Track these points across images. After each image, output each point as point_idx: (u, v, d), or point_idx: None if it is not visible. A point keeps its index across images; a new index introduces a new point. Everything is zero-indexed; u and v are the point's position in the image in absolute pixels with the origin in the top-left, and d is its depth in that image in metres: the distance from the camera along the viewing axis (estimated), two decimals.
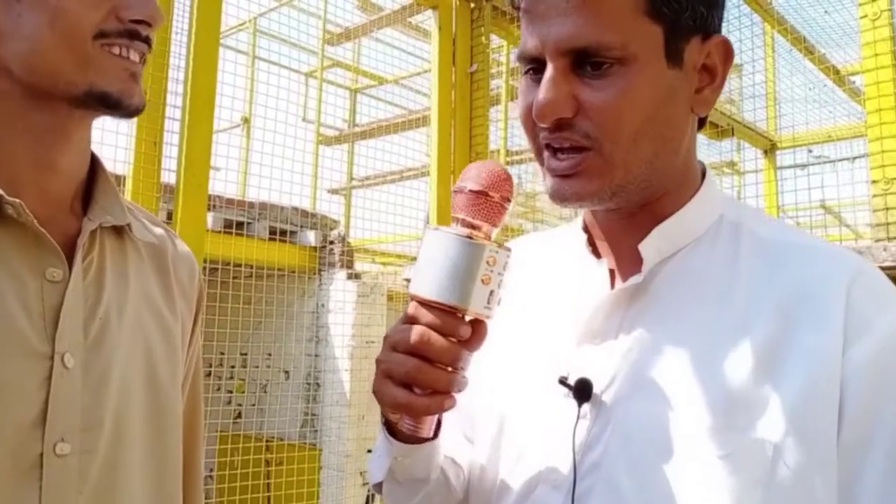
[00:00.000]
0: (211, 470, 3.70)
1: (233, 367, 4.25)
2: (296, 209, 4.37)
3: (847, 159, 4.59)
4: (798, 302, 0.71)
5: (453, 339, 0.70)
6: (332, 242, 4.41)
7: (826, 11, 3.03)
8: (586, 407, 0.75)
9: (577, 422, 0.75)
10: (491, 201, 0.69)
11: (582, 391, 0.75)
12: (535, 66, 0.76)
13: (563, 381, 0.77)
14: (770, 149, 4.66)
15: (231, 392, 4.18)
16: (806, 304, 0.70)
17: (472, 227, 0.70)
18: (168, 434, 0.87)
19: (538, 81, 0.74)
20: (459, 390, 0.71)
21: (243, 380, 4.23)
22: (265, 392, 4.18)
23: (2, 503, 0.70)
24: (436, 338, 0.69)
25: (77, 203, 0.84)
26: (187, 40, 2.15)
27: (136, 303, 0.85)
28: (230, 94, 2.98)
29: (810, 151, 4.84)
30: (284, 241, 4.09)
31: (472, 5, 2.91)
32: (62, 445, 0.74)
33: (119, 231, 0.87)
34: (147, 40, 0.79)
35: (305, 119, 5.10)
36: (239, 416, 4.05)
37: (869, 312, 0.69)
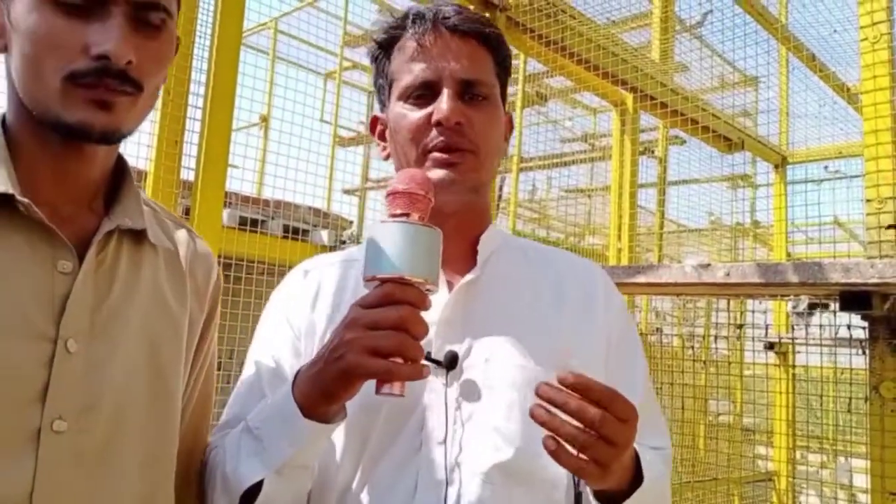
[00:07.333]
0: None
1: (243, 362, 4.32)
2: (310, 208, 4.45)
3: (863, 176, 4.60)
4: (576, 283, 1.11)
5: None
6: (344, 242, 4.49)
7: (835, 31, 3.07)
8: (452, 374, 0.98)
9: (447, 387, 0.98)
10: (426, 198, 0.87)
11: (452, 361, 0.98)
12: (424, 92, 1.05)
13: (429, 358, 0.95)
14: (781, 163, 4.70)
15: None
16: (582, 285, 1.11)
17: (421, 218, 0.86)
18: (168, 421, 0.93)
19: (424, 105, 1.04)
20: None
21: None
22: None
23: (0, 473, 0.75)
24: (417, 313, 0.83)
25: (98, 202, 0.91)
26: (210, 43, 2.23)
27: (146, 298, 0.91)
28: (249, 94, 3.05)
29: (826, 168, 4.86)
30: (298, 240, 4.17)
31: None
32: (59, 423, 0.78)
33: (138, 233, 0.92)
34: (120, 75, 0.80)
35: (323, 120, 5.17)
36: None
37: (611, 291, 1.14)
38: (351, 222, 5.00)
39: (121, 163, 0.95)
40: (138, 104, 0.84)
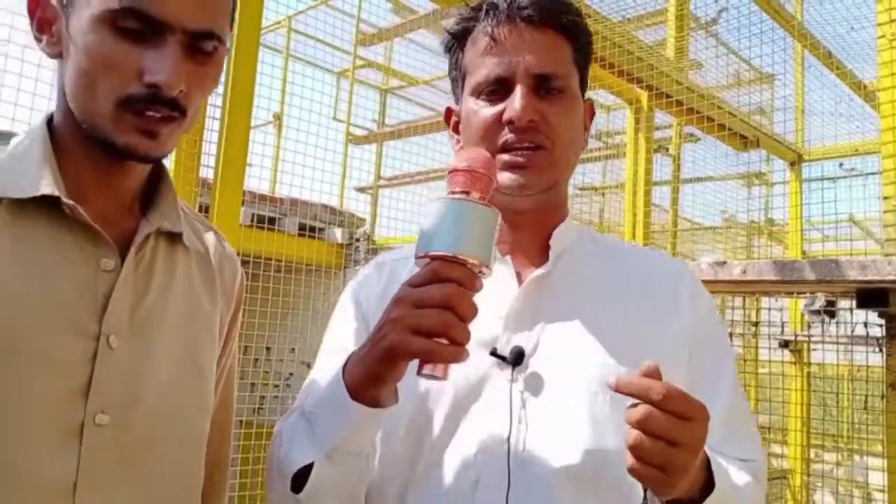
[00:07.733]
0: (232, 458, 3.79)
1: (257, 358, 4.37)
2: (324, 206, 4.48)
3: (880, 173, 4.57)
4: (659, 281, 1.06)
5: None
6: (358, 240, 4.52)
7: (852, 28, 3.06)
8: (518, 370, 0.96)
9: (512, 383, 0.95)
10: (486, 177, 0.82)
11: (518, 357, 0.96)
12: (497, 87, 1.01)
13: (494, 353, 0.96)
14: (796, 161, 4.67)
15: (254, 383, 4.30)
16: (665, 284, 1.06)
17: (481, 197, 0.81)
18: (202, 420, 0.95)
19: (497, 101, 1.01)
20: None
21: (267, 371, 4.34)
22: (288, 385, 4.28)
23: (45, 464, 0.77)
24: (464, 292, 0.78)
25: (136, 205, 0.94)
26: (228, 43, 2.25)
27: (180, 297, 0.94)
28: (265, 93, 3.08)
29: (841, 165, 4.84)
30: (312, 238, 4.20)
31: None
32: (101, 416, 0.81)
33: (173, 234, 0.95)
34: (171, 103, 0.82)
35: (336, 118, 5.20)
36: (261, 407, 4.16)
37: (697, 291, 1.07)
38: (364, 220, 5.03)
39: (158, 167, 0.97)
40: (182, 127, 0.86)
